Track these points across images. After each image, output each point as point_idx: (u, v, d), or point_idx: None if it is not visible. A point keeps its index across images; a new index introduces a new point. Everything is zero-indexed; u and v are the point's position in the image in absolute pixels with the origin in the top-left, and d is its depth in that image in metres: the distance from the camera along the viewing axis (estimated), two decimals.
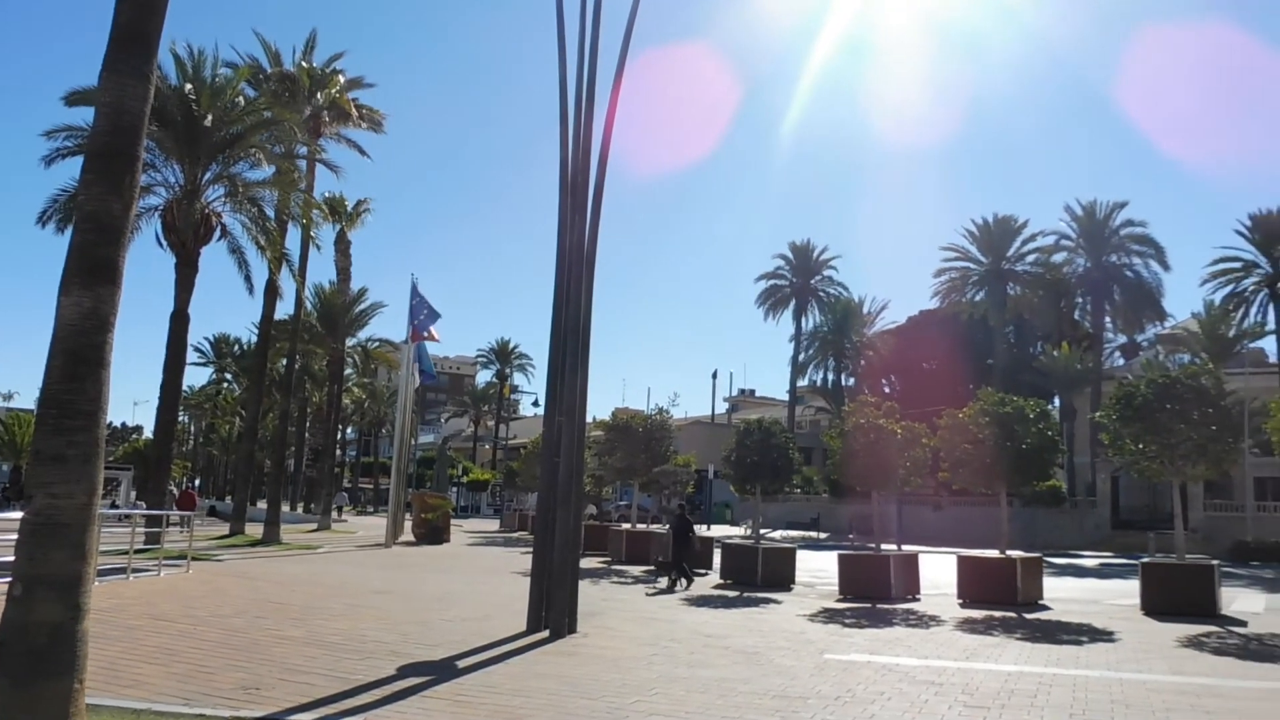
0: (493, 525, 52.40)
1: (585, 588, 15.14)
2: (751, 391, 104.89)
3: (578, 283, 11.98)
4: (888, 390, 61.00)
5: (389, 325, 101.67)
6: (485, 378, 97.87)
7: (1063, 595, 18.40)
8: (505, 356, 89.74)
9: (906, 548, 21.65)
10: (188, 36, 41.03)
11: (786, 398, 70.06)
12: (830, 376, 66.81)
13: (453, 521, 38.63)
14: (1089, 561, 34.19)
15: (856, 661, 9.81)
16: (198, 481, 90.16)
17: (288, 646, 9.56)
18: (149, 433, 65.34)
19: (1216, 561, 16.21)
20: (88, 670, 5.68)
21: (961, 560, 16.99)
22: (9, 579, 5.57)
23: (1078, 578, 25.24)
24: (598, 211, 12.18)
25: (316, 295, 48.53)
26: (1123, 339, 62.13)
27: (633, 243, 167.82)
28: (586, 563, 22.49)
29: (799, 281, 66.88)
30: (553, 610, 11.27)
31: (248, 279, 28.31)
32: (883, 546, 18.01)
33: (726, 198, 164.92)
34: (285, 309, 35.84)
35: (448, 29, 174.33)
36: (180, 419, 67.13)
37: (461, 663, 9.09)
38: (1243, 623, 13.85)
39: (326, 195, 40.54)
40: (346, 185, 64.29)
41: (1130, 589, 16.49)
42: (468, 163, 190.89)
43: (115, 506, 33.35)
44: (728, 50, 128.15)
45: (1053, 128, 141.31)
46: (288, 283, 31.58)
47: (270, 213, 28.48)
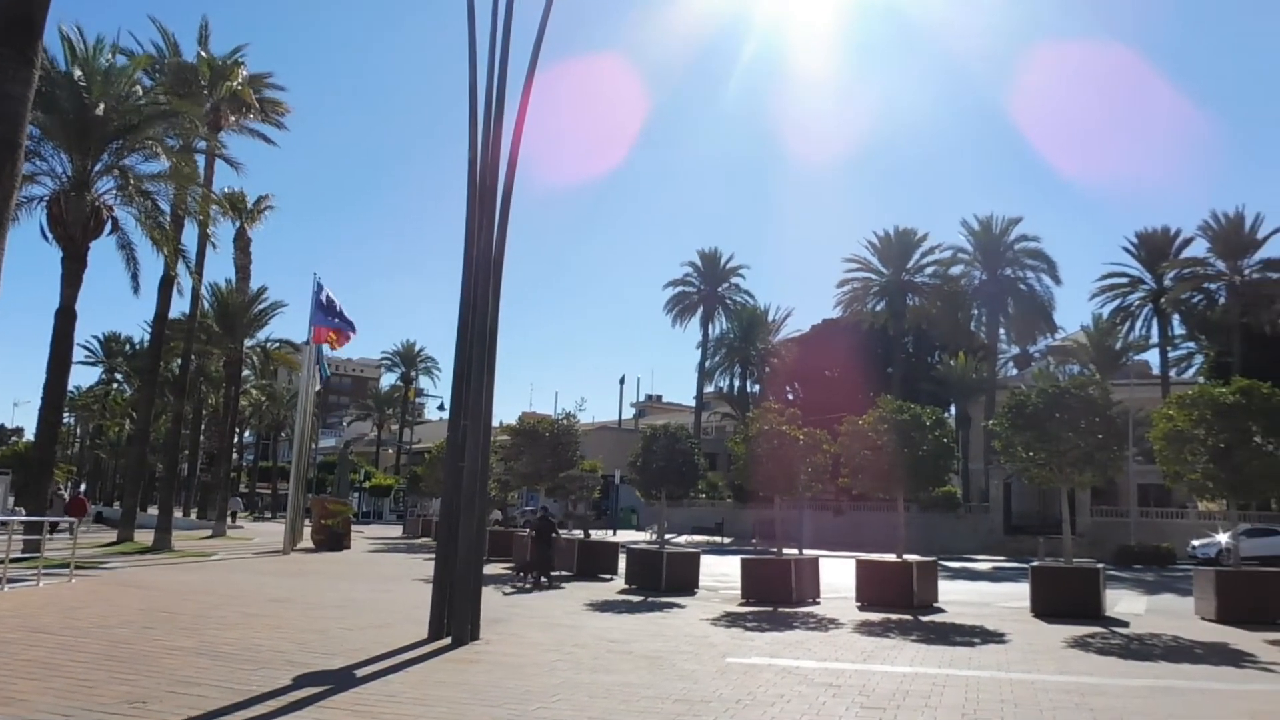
0: (395, 531, 51.55)
1: (489, 594, 15.00)
2: (659, 397, 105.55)
3: (485, 286, 11.88)
4: (792, 397, 62.08)
5: (290, 325, 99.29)
6: (390, 380, 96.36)
7: (957, 598, 18.94)
8: (411, 359, 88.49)
9: (808, 552, 22.02)
10: (83, 21, 39.28)
11: (693, 404, 70.66)
12: (736, 383, 67.65)
13: (354, 528, 37.87)
14: (982, 565, 35.27)
15: (758, 664, 9.93)
16: (83, 486, 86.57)
17: (178, 658, 9.24)
18: (31, 435, 62.46)
19: (1102, 565, 16.90)
20: None
21: (860, 564, 17.36)
22: None
23: (971, 581, 26.03)
24: (506, 215, 12.11)
25: (214, 294, 47.13)
26: (1016, 350, 64.47)
27: (543, 249, 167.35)
28: (491, 569, 22.33)
29: (707, 289, 67.54)
30: (455, 617, 11.12)
31: (134, 276, 27.36)
32: (785, 551, 18.28)
33: (637, 206, 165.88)
34: (182, 307, 34.71)
35: (359, 29, 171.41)
36: (66, 420, 64.38)
37: (360, 672, 8.91)
38: (1125, 624, 14.45)
39: (226, 191, 39.48)
40: (249, 181, 62.71)
41: (1021, 592, 17.04)
42: (376, 164, 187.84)
43: None
44: (639, 62, 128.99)
45: (954, 143, 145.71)
46: (185, 280, 30.59)
47: (166, 207, 27.55)
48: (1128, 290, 54.21)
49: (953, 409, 57.70)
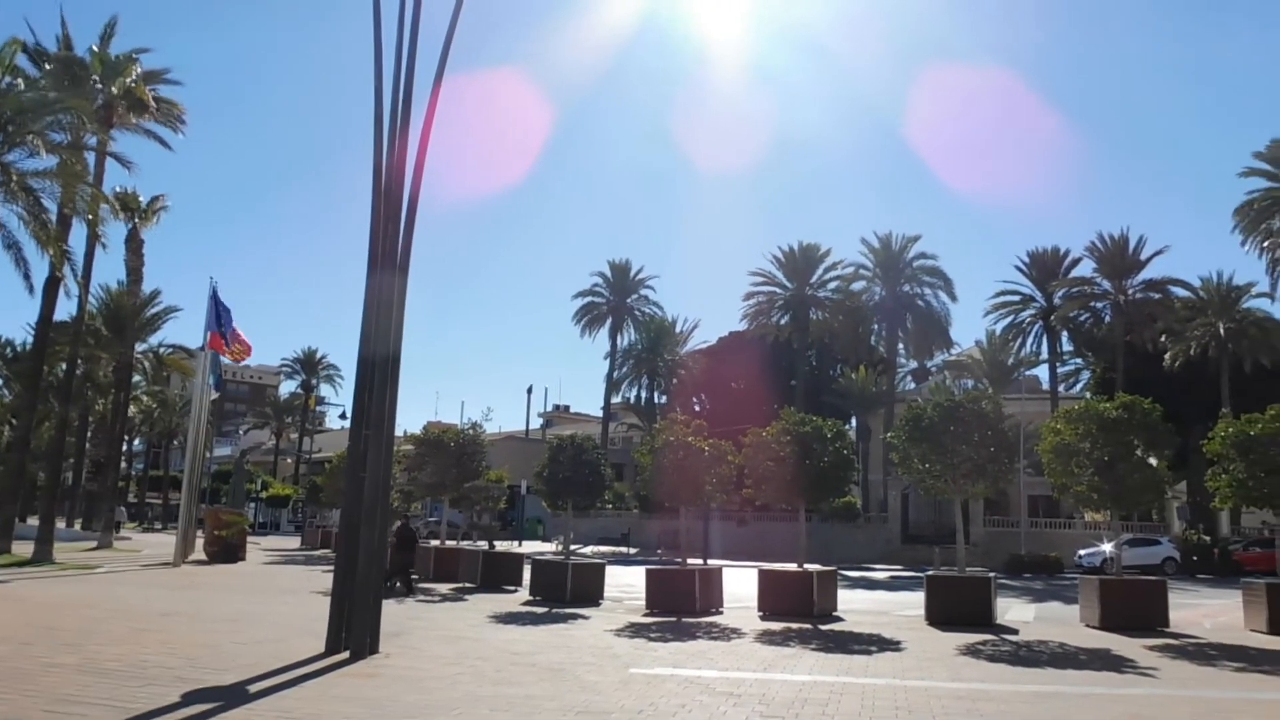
0: (293, 543, 50.23)
1: (390, 607, 14.74)
2: (567, 407, 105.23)
3: (390, 293, 11.70)
4: (698, 408, 62.51)
5: (186, 330, 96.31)
6: (290, 388, 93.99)
7: (855, 607, 19.33)
8: (312, 366, 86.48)
9: (712, 562, 22.21)
10: None
11: (601, 414, 70.65)
12: (644, 394, 67.93)
13: (250, 539, 36.83)
14: (880, 574, 36.05)
15: (660, 675, 9.98)
16: None
17: (58, 675, 8.84)
18: None
19: (993, 574, 17.46)
20: None
21: (762, 574, 17.59)
22: None
23: (869, 590, 26.60)
24: (412, 222, 11.95)
25: (104, 296, 45.36)
26: (914, 364, 66.19)
27: (452, 258, 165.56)
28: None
29: (616, 300, 67.72)
30: (354, 630, 10.90)
31: (26, 276, 26.24)
32: (689, 561, 18.41)
33: (548, 217, 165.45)
34: (70, 309, 33.29)
35: (263, 34, 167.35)
36: None
37: (253, 687, 8.66)
38: (1015, 631, 14.94)
39: (119, 190, 38.04)
40: (146, 182, 60.68)
41: (917, 600, 17.48)
42: (279, 168, 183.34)
43: None
44: (547, 75, 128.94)
45: (856, 160, 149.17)
46: (73, 281, 29.36)
47: (53, 206, 26.44)
48: (1019, 308, 56.23)
49: (853, 421, 58.93)
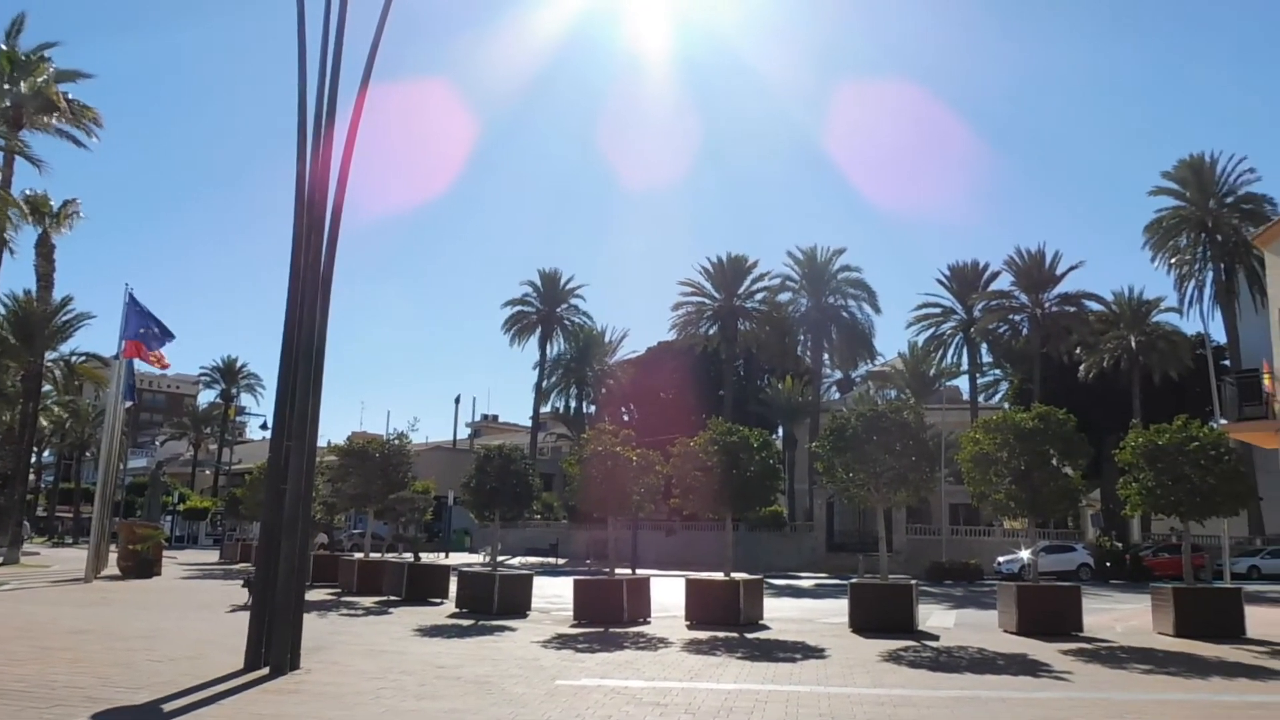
0: (212, 556, 48.93)
1: (312, 621, 14.46)
2: (495, 417, 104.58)
3: (312, 301, 11.49)
4: (627, 418, 62.67)
5: (99, 339, 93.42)
6: (209, 398, 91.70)
7: (781, 615, 19.51)
8: (232, 375, 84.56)
9: (640, 572, 22.25)
10: None
11: (530, 424, 70.31)
12: (573, 403, 67.84)
13: (166, 553, 35.79)
14: (806, 582, 36.45)
15: (587, 686, 9.95)
16: None
17: None
18: None
19: (915, 581, 17.76)
20: None
21: (689, 583, 17.65)
22: None
23: (795, 598, 26.87)
24: (336, 229, 11.77)
25: (11, 303, 43.79)
26: (839, 374, 67.20)
27: (379, 266, 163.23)
28: (315, 595, 21.51)
29: (546, 309, 67.50)
30: (274, 646, 10.65)
31: None
32: (617, 571, 18.39)
33: (477, 226, 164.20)
34: None
35: (185, 38, 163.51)
36: None
37: (168, 706, 8.41)
38: (936, 637, 15.21)
39: (28, 193, 36.74)
40: (59, 186, 58.69)
41: (841, 608, 17.69)
42: (200, 173, 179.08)
43: None
44: (476, 85, 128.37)
45: (783, 173, 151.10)
46: None
47: None
48: (941, 320, 57.56)
49: (780, 431, 59.61)
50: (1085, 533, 51.12)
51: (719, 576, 17.58)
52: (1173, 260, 50.87)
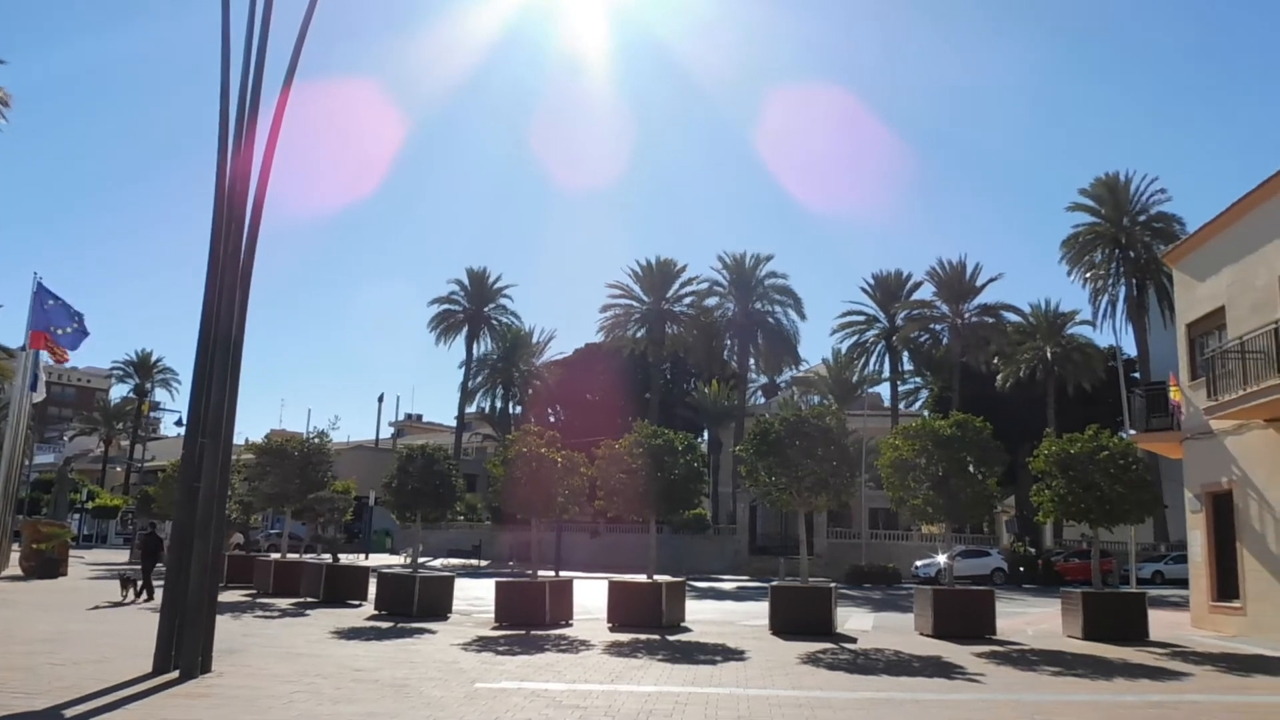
0: (123, 556, 47.40)
1: (226, 623, 14.13)
2: (419, 416, 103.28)
3: (231, 295, 11.22)
4: (553, 419, 62.41)
5: (6, 330, 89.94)
6: (122, 392, 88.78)
7: (703, 617, 19.63)
8: (146, 370, 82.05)
9: (564, 574, 22.14)
10: None
11: (455, 424, 69.59)
12: (498, 404, 67.30)
13: (74, 552, 34.63)
14: (728, 585, 36.72)
15: (507, 689, 9.88)
16: None
17: None
18: None
19: (835, 584, 18.02)
20: None
21: (612, 585, 17.66)
22: None
23: (717, 600, 27.04)
24: (257, 222, 11.51)
25: None
26: (765, 379, 67.89)
27: (303, 264, 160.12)
28: (229, 596, 21.03)
29: (473, 308, 66.83)
30: (184, 648, 10.36)
31: None
32: (540, 573, 18.31)
33: (405, 225, 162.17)
34: None
35: (105, 25, 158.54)
36: None
37: (69, 712, 8.12)
38: (854, 639, 15.46)
39: None
40: None
41: (762, 610, 17.85)
42: (117, 165, 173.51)
43: None
44: (405, 83, 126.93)
45: (713, 177, 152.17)
46: None
47: None
48: (864, 327, 58.48)
49: (705, 434, 59.97)
50: (1000, 538, 52.47)
51: (642, 579, 17.62)
52: (1088, 275, 52.45)
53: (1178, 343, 21.18)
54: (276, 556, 25.70)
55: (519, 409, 66.32)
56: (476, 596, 22.83)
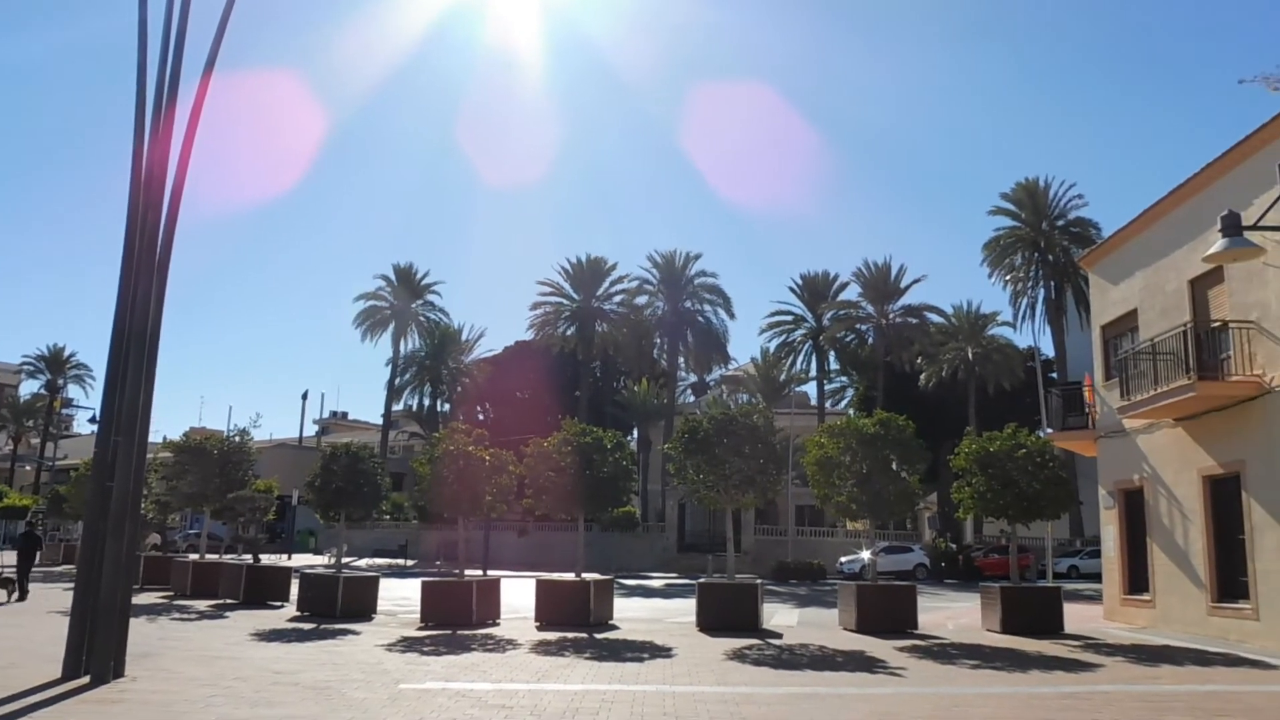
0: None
1: (141, 626, 13.76)
2: (345, 414, 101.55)
3: (147, 288, 10.89)
4: (482, 418, 61.95)
5: None
6: (32, 388, 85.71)
7: (631, 615, 19.66)
8: (58, 365, 79.49)
9: (492, 573, 21.98)
10: None
11: (382, 421, 68.64)
12: (426, 402, 66.49)
13: None
14: (657, 582, 36.83)
15: (431, 689, 9.77)
16: None
17: None
18: None
19: (761, 581, 18.20)
20: None
21: (540, 584, 17.59)
22: None
23: (646, 598, 27.11)
24: (175, 212, 11.19)
25: None
26: (694, 378, 68.21)
27: (223, 258, 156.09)
28: (145, 598, 20.47)
29: (400, 304, 65.91)
30: (96, 653, 10.04)
31: None
32: (468, 573, 18.15)
33: (330, 220, 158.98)
34: None
35: (17, 7, 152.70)
36: None
37: None
38: (779, 635, 15.63)
39: None
40: None
41: (690, 607, 17.95)
42: (26, 153, 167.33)
43: None
44: (333, 76, 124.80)
45: (643, 176, 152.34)
46: None
47: None
48: (792, 327, 59.22)
49: (635, 433, 60.06)
50: (923, 534, 53.52)
51: (570, 577, 17.58)
52: (1008, 277, 53.80)
53: (1093, 344, 21.83)
54: (195, 557, 25.06)
55: (448, 407, 65.66)
56: (402, 597, 22.55)
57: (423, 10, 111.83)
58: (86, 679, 9.84)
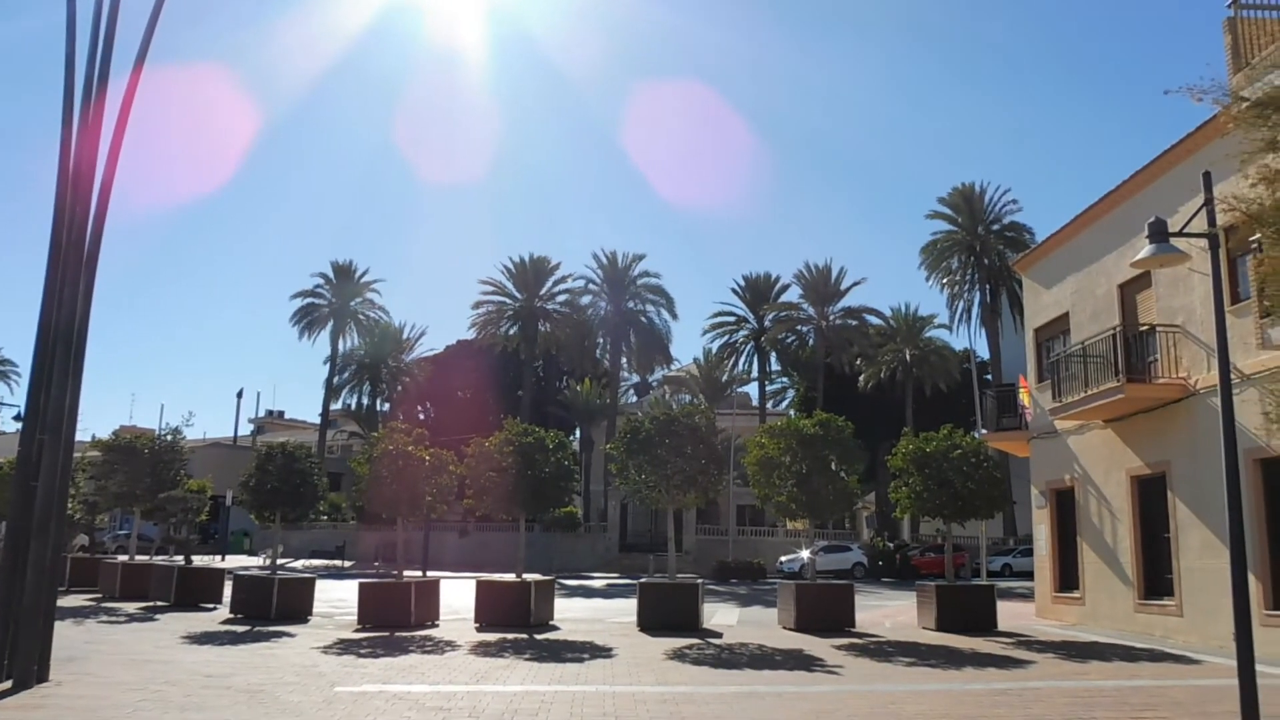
0: None
1: (66, 629, 13.40)
2: (281, 413, 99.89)
3: (74, 281, 10.59)
4: (423, 417, 61.40)
5: None
6: None
7: (572, 615, 19.62)
8: None
9: (431, 574, 21.77)
10: None
11: (319, 421, 67.63)
12: (365, 401, 65.68)
13: None
14: (598, 582, 36.81)
15: (368, 692, 9.64)
16: None
17: None
18: None
19: (702, 580, 18.27)
20: None
21: (480, 585, 17.45)
22: None
23: (587, 598, 27.07)
24: (105, 204, 10.90)
25: None
26: (637, 378, 68.38)
27: (155, 254, 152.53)
28: (71, 600, 19.96)
29: (339, 302, 64.94)
30: (18, 657, 9.73)
31: None
32: (406, 574, 17.96)
33: (267, 217, 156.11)
34: None
35: None
36: None
37: None
38: (719, 635, 15.70)
39: None
40: None
41: (630, 607, 17.95)
42: None
43: None
44: (268, 72, 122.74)
45: (585, 175, 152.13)
46: None
47: None
48: (734, 328, 59.63)
49: (577, 433, 59.98)
50: (861, 533, 54.26)
51: (511, 578, 17.48)
52: (945, 281, 54.72)
53: (1026, 347, 22.29)
54: (124, 558, 24.45)
55: (388, 406, 64.95)
56: (339, 598, 22.24)
57: (363, 5, 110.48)
58: (8, 684, 9.55)
